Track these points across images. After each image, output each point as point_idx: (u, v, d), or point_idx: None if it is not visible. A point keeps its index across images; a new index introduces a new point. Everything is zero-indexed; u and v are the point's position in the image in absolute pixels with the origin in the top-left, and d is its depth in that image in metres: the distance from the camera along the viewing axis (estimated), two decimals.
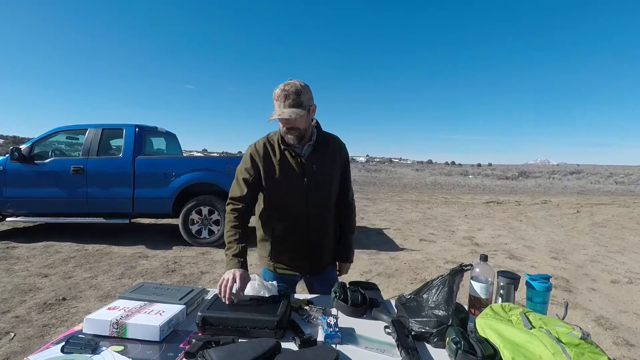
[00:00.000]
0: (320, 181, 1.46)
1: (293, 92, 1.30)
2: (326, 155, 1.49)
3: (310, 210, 1.47)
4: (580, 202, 12.74)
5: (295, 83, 1.32)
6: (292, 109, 1.30)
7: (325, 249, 1.58)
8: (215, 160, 5.57)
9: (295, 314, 1.19)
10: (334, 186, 1.53)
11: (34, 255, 4.43)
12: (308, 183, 1.44)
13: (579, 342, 0.83)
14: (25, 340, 2.44)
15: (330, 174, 1.50)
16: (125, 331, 1.01)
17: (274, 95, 1.34)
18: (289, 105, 1.30)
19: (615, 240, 6.40)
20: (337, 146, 1.54)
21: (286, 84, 1.33)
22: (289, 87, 1.31)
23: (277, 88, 1.33)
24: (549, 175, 28.71)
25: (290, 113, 1.29)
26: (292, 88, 1.31)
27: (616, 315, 3.14)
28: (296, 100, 1.30)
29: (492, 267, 1.21)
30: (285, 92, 1.30)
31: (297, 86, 1.31)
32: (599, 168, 44.50)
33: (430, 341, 1.02)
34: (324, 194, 1.49)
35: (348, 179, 1.62)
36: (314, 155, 1.46)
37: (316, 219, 1.49)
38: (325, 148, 1.49)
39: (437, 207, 10.46)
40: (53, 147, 5.41)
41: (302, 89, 1.32)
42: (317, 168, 1.45)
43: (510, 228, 7.27)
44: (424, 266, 4.40)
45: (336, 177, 1.53)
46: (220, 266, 4.21)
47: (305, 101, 1.33)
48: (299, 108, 1.31)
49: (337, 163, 1.53)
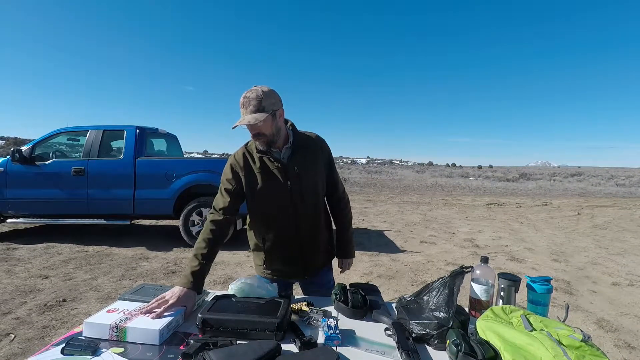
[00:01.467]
0: (304, 182, 1.44)
1: (254, 97, 1.29)
2: (306, 155, 1.47)
3: (298, 213, 1.46)
4: (581, 204, 12.72)
5: (258, 89, 1.31)
6: (252, 115, 1.29)
7: (318, 250, 1.57)
8: (216, 162, 5.58)
9: (296, 316, 1.19)
10: (319, 185, 1.51)
11: (35, 256, 4.44)
12: (292, 186, 1.42)
13: (580, 344, 0.83)
14: (25, 341, 2.44)
15: (313, 173, 1.47)
16: (125, 335, 1.00)
17: (239, 103, 1.33)
18: (250, 111, 1.29)
19: (616, 242, 6.39)
20: (316, 144, 1.52)
21: (248, 90, 1.32)
22: (250, 93, 1.31)
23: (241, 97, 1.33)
24: (550, 177, 28.69)
25: (250, 119, 1.28)
26: (253, 94, 1.30)
27: (617, 318, 3.13)
28: (257, 106, 1.29)
29: (493, 269, 1.20)
30: (247, 98, 1.30)
31: (259, 92, 1.30)
32: (600, 170, 44.46)
33: (430, 343, 1.02)
34: (310, 195, 1.47)
35: (334, 173, 1.59)
36: (293, 157, 1.44)
37: (305, 221, 1.48)
38: (304, 148, 1.47)
39: (438, 208, 10.45)
40: (54, 148, 5.42)
41: (264, 95, 1.31)
42: (299, 169, 1.43)
43: (511, 230, 7.26)
44: (425, 268, 4.40)
45: (320, 175, 1.51)
46: (220, 267, 4.21)
47: (267, 106, 1.31)
48: (261, 113, 1.30)
49: (319, 161, 1.50)
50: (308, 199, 1.46)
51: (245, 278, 1.33)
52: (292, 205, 1.44)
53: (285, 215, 1.45)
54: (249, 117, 1.29)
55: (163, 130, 6.11)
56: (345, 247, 1.67)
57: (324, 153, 1.53)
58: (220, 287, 3.58)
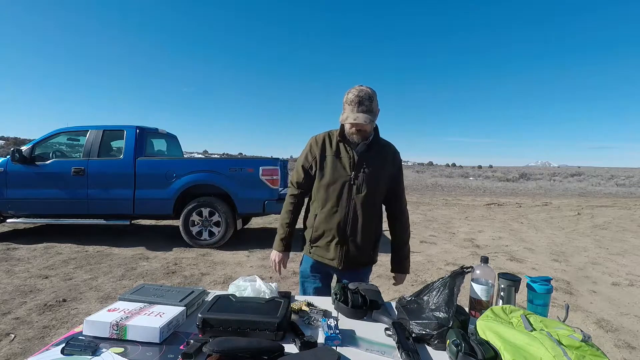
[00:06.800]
0: (367, 178, 1.53)
1: (367, 98, 1.41)
2: (378, 156, 1.57)
3: (352, 204, 1.54)
4: (581, 204, 12.73)
5: (368, 90, 1.45)
6: (365, 115, 1.40)
7: (361, 247, 1.61)
8: (216, 162, 5.58)
9: (296, 316, 1.19)
10: (380, 187, 1.59)
11: (35, 256, 4.44)
12: (355, 177, 1.52)
13: (580, 344, 0.83)
14: (25, 341, 2.44)
15: (377, 175, 1.56)
16: (125, 333, 1.01)
17: (347, 99, 1.44)
18: (362, 110, 1.41)
19: (616, 242, 6.39)
20: (390, 152, 1.62)
21: (359, 90, 1.43)
22: (363, 93, 1.42)
23: (349, 93, 1.44)
24: (550, 177, 28.68)
25: (364, 119, 1.40)
26: (365, 95, 1.41)
27: (617, 318, 3.13)
28: (368, 106, 1.42)
29: (493, 269, 1.20)
30: (360, 98, 1.41)
31: (370, 93, 1.43)
32: (600, 170, 44.45)
33: (430, 343, 1.02)
34: (368, 192, 1.54)
35: (401, 186, 1.69)
36: (366, 154, 1.54)
37: (356, 215, 1.56)
38: (378, 151, 1.58)
39: (438, 208, 10.46)
40: (54, 148, 5.42)
41: (374, 96, 1.45)
42: (367, 165, 1.53)
43: (511, 230, 7.26)
44: (425, 268, 4.40)
45: (384, 180, 1.59)
46: (220, 267, 4.22)
47: (374, 107, 1.45)
48: (370, 114, 1.42)
49: (387, 167, 1.59)
50: (365, 195, 1.54)
51: (245, 278, 1.33)
52: (349, 195, 1.54)
53: (340, 201, 1.55)
54: (363, 117, 1.40)
55: (163, 130, 6.11)
56: (402, 263, 1.76)
57: (395, 163, 1.63)
58: (220, 287, 3.58)
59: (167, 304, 1.17)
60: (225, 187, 4.94)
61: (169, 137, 6.44)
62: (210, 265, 4.31)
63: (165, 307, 1.15)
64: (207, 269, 4.16)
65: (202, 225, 5.09)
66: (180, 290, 1.28)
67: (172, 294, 1.25)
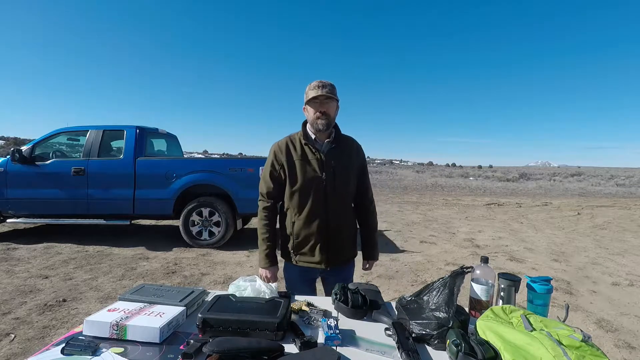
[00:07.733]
0: (338, 176, 1.55)
1: (329, 84, 1.52)
2: (344, 153, 1.61)
3: (328, 204, 1.56)
4: (581, 204, 12.73)
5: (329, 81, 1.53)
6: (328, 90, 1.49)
7: (343, 245, 1.65)
8: (216, 162, 5.58)
9: (296, 316, 1.19)
10: (351, 183, 1.62)
11: (35, 256, 4.44)
12: (326, 178, 1.54)
13: (580, 344, 0.83)
14: (25, 341, 2.44)
15: (347, 170, 1.59)
16: (125, 333, 1.01)
17: (310, 86, 1.52)
18: (326, 92, 1.49)
19: (616, 242, 6.39)
20: (354, 146, 1.67)
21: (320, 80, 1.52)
22: (325, 81, 1.52)
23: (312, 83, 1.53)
24: (550, 177, 28.67)
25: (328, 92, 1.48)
26: (327, 82, 1.52)
27: (617, 318, 3.13)
28: (332, 91, 1.51)
29: (493, 269, 1.20)
30: (323, 83, 1.50)
31: (331, 82, 1.53)
32: (600, 170, 44.44)
33: (430, 343, 1.02)
34: (341, 189, 1.58)
35: (366, 178, 1.73)
36: (332, 152, 1.57)
37: (334, 213, 1.58)
38: (343, 147, 1.61)
39: (438, 209, 10.46)
40: (54, 148, 5.42)
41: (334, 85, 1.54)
42: (336, 164, 1.56)
43: (511, 230, 7.26)
44: (425, 268, 4.40)
45: (353, 175, 1.63)
46: (220, 267, 4.22)
47: (336, 94, 1.53)
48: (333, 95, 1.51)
49: (353, 160, 1.64)
50: (339, 193, 1.58)
51: (245, 278, 1.33)
52: (324, 196, 1.55)
53: (316, 204, 1.56)
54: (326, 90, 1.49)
55: (163, 130, 6.11)
56: (372, 250, 1.80)
57: (359, 157, 1.68)
58: (220, 287, 3.58)
59: (167, 304, 1.17)
60: (225, 187, 4.94)
61: (169, 137, 6.44)
62: (210, 265, 4.31)
63: (165, 307, 1.15)
64: (207, 269, 4.16)
65: (202, 225, 5.09)
66: (180, 290, 1.28)
67: (172, 294, 1.25)
